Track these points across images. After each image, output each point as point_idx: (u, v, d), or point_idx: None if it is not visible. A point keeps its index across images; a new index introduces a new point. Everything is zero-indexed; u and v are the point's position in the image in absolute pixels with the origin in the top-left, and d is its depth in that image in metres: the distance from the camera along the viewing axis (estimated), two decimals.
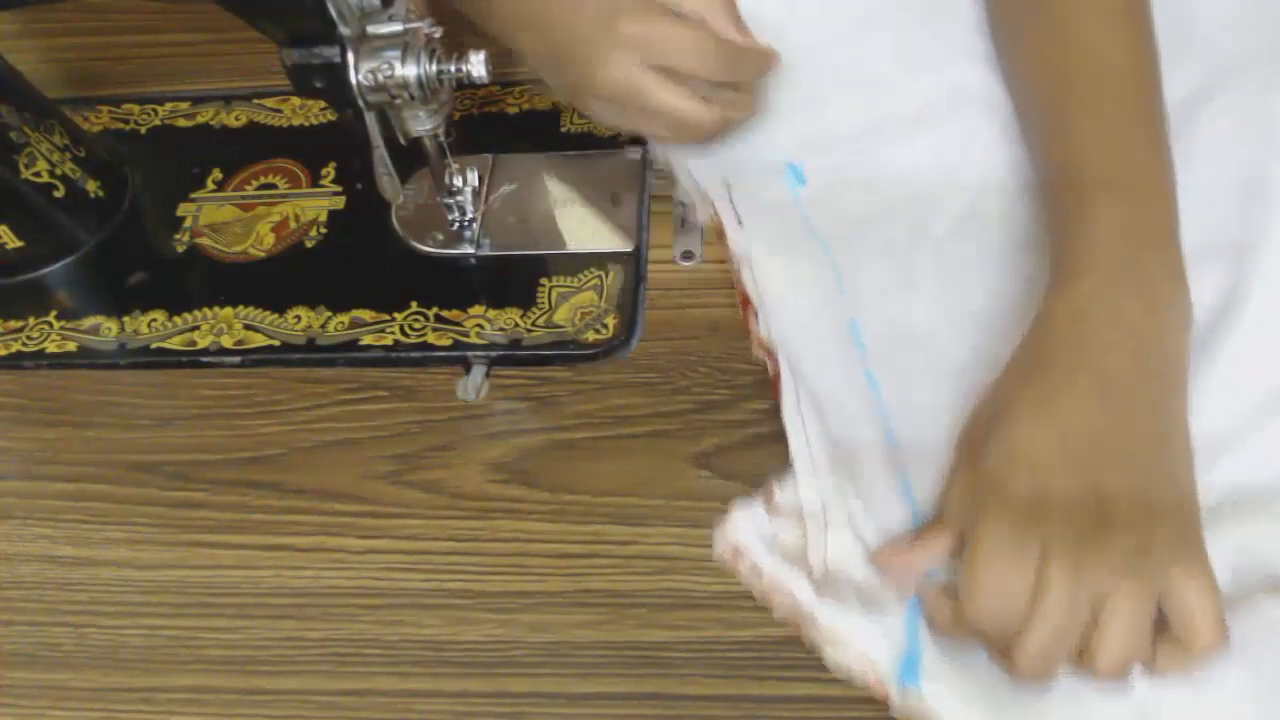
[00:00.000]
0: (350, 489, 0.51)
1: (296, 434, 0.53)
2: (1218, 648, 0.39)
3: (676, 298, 0.55)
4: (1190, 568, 0.40)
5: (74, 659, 0.48)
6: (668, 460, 0.50)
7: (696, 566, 0.47)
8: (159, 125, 0.66)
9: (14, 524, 0.52)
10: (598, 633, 0.46)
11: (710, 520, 0.48)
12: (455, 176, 0.56)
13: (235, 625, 0.48)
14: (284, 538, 0.50)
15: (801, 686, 0.44)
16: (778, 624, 0.45)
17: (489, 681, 0.46)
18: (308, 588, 0.49)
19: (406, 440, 0.53)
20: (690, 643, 0.46)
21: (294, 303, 0.56)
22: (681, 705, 0.44)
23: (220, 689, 0.47)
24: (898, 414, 0.49)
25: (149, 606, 0.49)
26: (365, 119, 0.48)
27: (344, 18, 0.45)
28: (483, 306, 0.55)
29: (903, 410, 0.49)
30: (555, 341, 0.53)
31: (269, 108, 0.66)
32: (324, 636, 0.47)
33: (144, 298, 0.58)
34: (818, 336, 0.51)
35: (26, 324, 0.58)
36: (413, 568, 0.49)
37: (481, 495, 0.50)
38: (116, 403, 0.56)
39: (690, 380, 0.53)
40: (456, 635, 0.47)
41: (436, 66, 0.47)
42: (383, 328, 0.55)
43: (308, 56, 0.46)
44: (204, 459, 0.53)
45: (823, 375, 0.50)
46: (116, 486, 0.53)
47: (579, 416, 0.52)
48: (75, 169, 0.59)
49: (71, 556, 0.51)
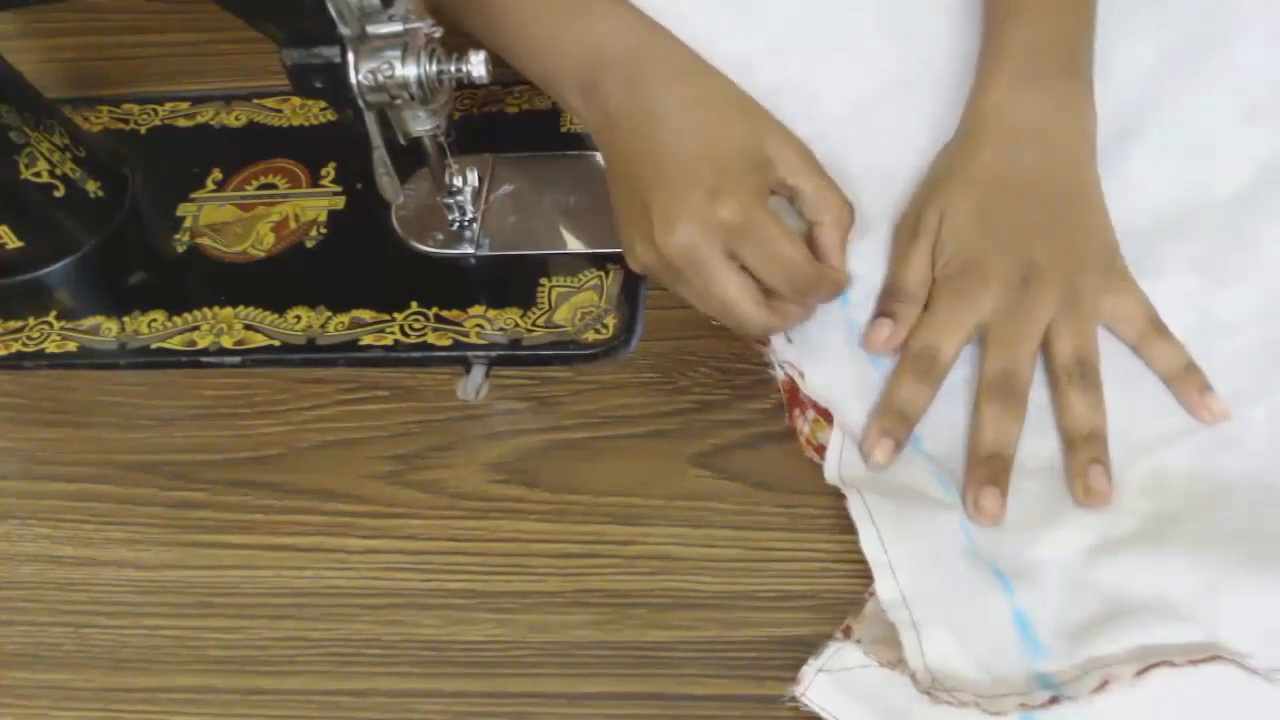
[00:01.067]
0: (350, 489, 0.51)
1: (296, 434, 0.53)
2: (1158, 334, 0.49)
3: (676, 297, 0.55)
4: (1120, 294, 0.50)
5: (74, 659, 0.48)
6: (668, 460, 0.50)
7: (696, 566, 0.47)
8: (159, 125, 0.66)
9: (14, 524, 0.52)
10: (598, 633, 0.46)
11: (710, 520, 0.48)
12: (455, 176, 0.56)
13: (235, 625, 0.48)
14: (284, 538, 0.50)
15: None
16: (778, 624, 0.45)
17: (489, 681, 0.46)
18: (308, 588, 0.49)
19: (406, 440, 0.53)
20: (690, 643, 0.46)
21: (294, 303, 0.56)
22: (681, 705, 0.44)
23: (220, 689, 0.47)
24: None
25: (149, 606, 0.49)
26: (365, 119, 0.48)
27: (344, 18, 0.45)
28: (483, 306, 0.55)
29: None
30: (555, 341, 0.53)
31: (269, 108, 0.66)
32: (324, 636, 0.47)
33: (144, 298, 0.58)
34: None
35: (26, 324, 0.58)
36: (413, 568, 0.49)
37: (481, 495, 0.50)
38: (116, 403, 0.56)
39: (690, 380, 0.53)
40: (456, 635, 0.47)
41: (436, 66, 0.47)
42: (383, 328, 0.55)
43: (308, 56, 0.46)
44: (204, 459, 0.53)
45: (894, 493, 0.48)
46: (116, 486, 0.53)
47: (579, 416, 0.52)
48: (75, 169, 0.59)
49: (72, 556, 0.51)
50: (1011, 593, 0.44)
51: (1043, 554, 0.45)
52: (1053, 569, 0.44)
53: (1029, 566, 0.44)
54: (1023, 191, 0.51)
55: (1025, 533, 0.46)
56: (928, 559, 0.45)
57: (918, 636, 0.42)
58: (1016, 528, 0.46)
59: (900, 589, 0.44)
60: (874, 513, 0.45)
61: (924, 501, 0.47)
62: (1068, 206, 0.51)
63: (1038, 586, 0.44)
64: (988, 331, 0.49)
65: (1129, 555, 0.44)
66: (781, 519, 0.48)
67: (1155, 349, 0.49)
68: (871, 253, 0.54)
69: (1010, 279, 0.49)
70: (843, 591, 0.46)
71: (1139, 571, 0.43)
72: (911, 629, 0.42)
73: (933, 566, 0.44)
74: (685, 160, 0.47)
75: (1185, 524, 0.45)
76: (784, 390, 0.51)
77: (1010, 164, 0.52)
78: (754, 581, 0.47)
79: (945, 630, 0.42)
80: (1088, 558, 0.44)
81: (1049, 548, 0.45)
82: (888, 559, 0.44)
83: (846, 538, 0.47)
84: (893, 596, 0.43)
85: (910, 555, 0.45)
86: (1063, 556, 0.45)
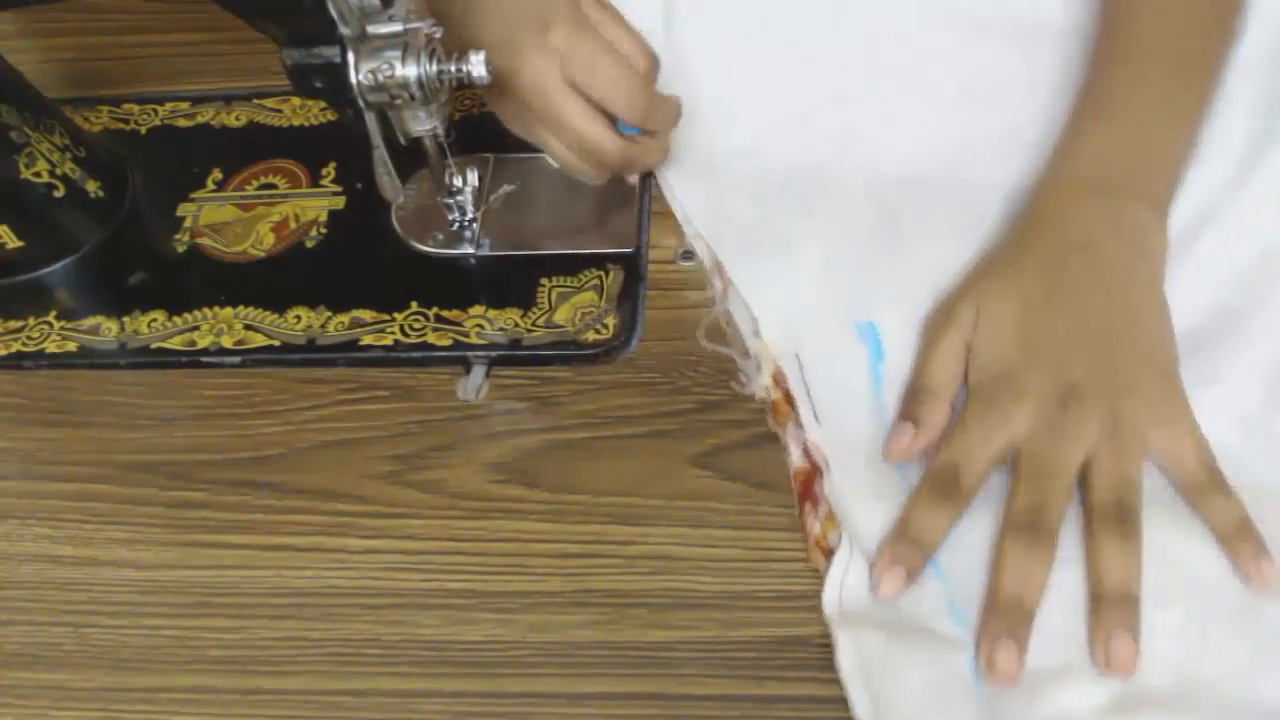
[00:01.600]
0: (350, 489, 0.51)
1: (296, 434, 0.53)
2: (1213, 485, 0.44)
3: (676, 298, 0.55)
4: (1171, 426, 0.45)
5: (74, 659, 0.48)
6: (668, 460, 0.50)
7: (696, 566, 0.47)
8: (159, 125, 0.66)
9: (14, 524, 0.52)
10: (598, 633, 0.46)
11: (710, 520, 0.48)
12: (455, 176, 0.56)
13: (235, 625, 0.48)
14: (284, 538, 0.50)
15: (801, 686, 0.44)
16: (778, 624, 0.45)
17: (489, 681, 0.46)
18: (308, 588, 0.49)
19: (406, 440, 0.53)
20: (690, 643, 0.46)
21: (294, 303, 0.56)
22: (681, 705, 0.44)
23: (220, 689, 0.47)
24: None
25: (149, 606, 0.49)
26: (365, 119, 0.48)
27: (344, 18, 0.45)
28: (483, 306, 0.55)
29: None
30: (555, 341, 0.53)
31: (269, 108, 0.66)
32: (324, 636, 0.47)
33: (144, 298, 0.58)
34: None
35: (26, 324, 0.58)
36: (413, 568, 0.49)
37: (481, 495, 0.50)
38: (116, 403, 0.56)
39: (690, 380, 0.53)
40: (456, 635, 0.47)
41: (436, 66, 0.47)
42: (383, 328, 0.55)
43: (308, 56, 0.46)
44: (204, 459, 0.53)
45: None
46: (116, 486, 0.53)
47: (579, 416, 0.52)
48: (75, 169, 0.59)
49: (72, 556, 0.51)
50: None
51: (1059, 711, 0.41)
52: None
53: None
54: (1067, 305, 0.47)
55: (1039, 687, 0.41)
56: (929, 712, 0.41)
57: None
58: (1034, 675, 0.41)
59: None
60: (867, 670, 0.42)
61: (931, 642, 0.43)
62: (1117, 325, 0.47)
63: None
64: (1019, 456, 0.45)
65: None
66: (781, 519, 0.48)
67: (1207, 499, 0.44)
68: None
69: (1048, 397, 0.45)
70: None
71: None
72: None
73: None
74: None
75: (1219, 690, 0.41)
76: (796, 481, 0.48)
77: (1057, 274, 0.48)
78: (754, 581, 0.47)
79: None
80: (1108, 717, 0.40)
81: (1068, 702, 0.41)
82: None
83: None
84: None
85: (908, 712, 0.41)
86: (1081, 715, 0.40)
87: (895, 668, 0.42)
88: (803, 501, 0.48)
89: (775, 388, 0.50)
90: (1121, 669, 0.41)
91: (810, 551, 0.46)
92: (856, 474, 0.47)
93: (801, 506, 0.48)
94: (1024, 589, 0.42)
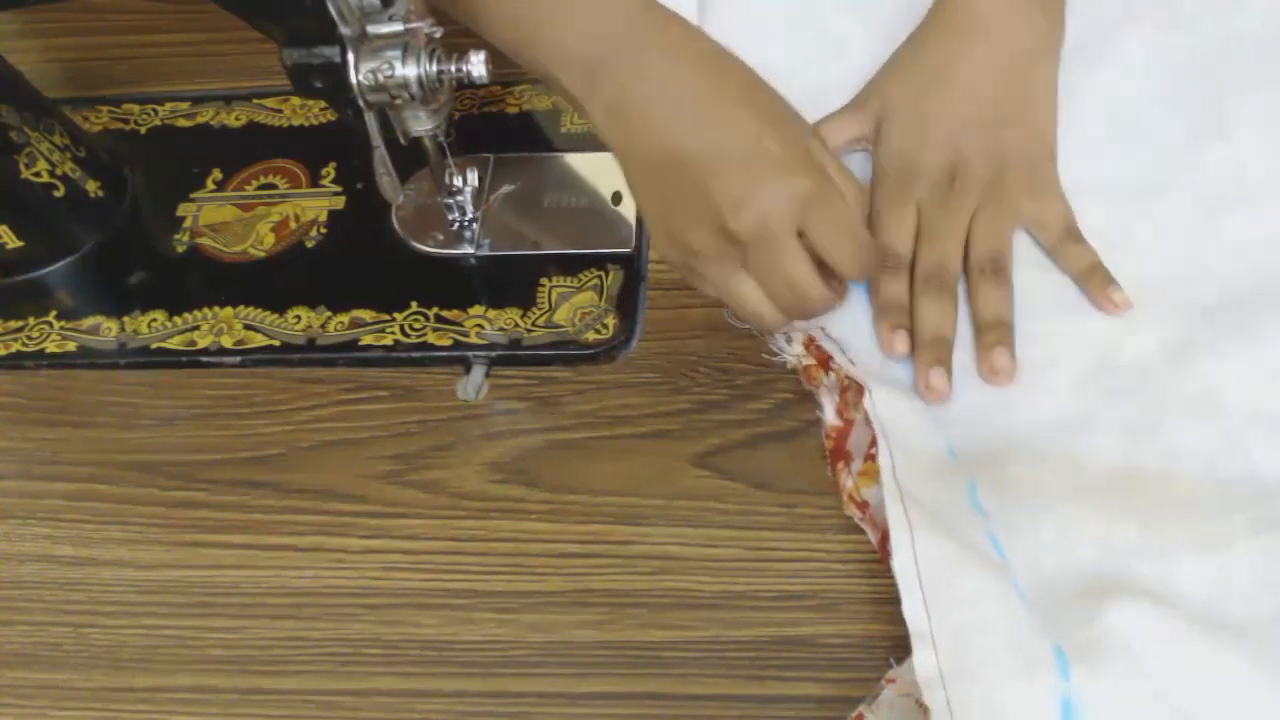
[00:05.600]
0: (350, 489, 0.51)
1: (296, 434, 0.53)
2: (1069, 238, 0.52)
3: (676, 298, 0.55)
4: (1041, 198, 0.52)
5: (74, 659, 0.48)
6: (668, 460, 0.50)
7: (696, 566, 0.47)
8: (159, 125, 0.66)
9: (14, 524, 0.52)
10: (598, 633, 0.46)
11: (711, 520, 0.48)
12: (455, 176, 0.56)
13: (235, 625, 0.48)
14: (284, 538, 0.50)
15: (801, 686, 0.44)
16: (778, 624, 0.45)
17: (489, 681, 0.46)
18: (308, 588, 0.49)
19: (406, 440, 0.53)
20: (690, 643, 0.46)
21: (294, 303, 0.56)
22: (681, 705, 0.44)
23: (220, 689, 0.47)
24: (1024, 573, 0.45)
25: (149, 606, 0.49)
26: (365, 119, 0.48)
27: (344, 18, 0.45)
28: (483, 306, 0.55)
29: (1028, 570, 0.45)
30: (555, 341, 0.53)
31: (269, 108, 0.66)
32: (324, 636, 0.47)
33: (144, 298, 0.58)
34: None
35: (26, 324, 0.58)
36: (413, 568, 0.49)
37: (481, 495, 0.50)
38: (116, 403, 0.56)
39: (690, 380, 0.53)
40: (456, 635, 0.47)
41: (436, 66, 0.47)
42: (383, 328, 0.55)
43: (308, 56, 0.46)
44: (204, 459, 0.53)
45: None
46: (116, 486, 0.53)
47: (579, 416, 0.52)
48: (75, 169, 0.59)
49: (72, 556, 0.51)
50: (1067, 678, 0.39)
51: (1111, 625, 0.41)
52: (1121, 656, 0.40)
53: (1092, 645, 0.40)
54: (961, 86, 0.53)
55: (1090, 598, 0.42)
56: (973, 631, 0.41)
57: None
58: (1080, 590, 0.42)
59: (939, 666, 0.40)
60: (922, 574, 0.42)
61: (974, 558, 0.43)
62: (1006, 105, 0.53)
63: (1100, 674, 0.39)
64: (920, 225, 0.53)
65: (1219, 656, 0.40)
66: (781, 519, 0.48)
67: (1064, 250, 0.52)
68: None
69: (940, 173, 0.52)
70: (843, 591, 0.46)
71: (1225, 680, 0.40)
72: (946, 714, 0.39)
73: (978, 640, 0.41)
74: (743, 136, 0.45)
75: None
76: (828, 437, 0.49)
77: (957, 54, 0.54)
78: (754, 581, 0.47)
79: (982, 715, 0.39)
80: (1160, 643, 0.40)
81: (1118, 616, 0.41)
82: (930, 628, 0.41)
83: (847, 538, 0.47)
84: (930, 674, 0.40)
85: (955, 628, 0.41)
86: (1135, 631, 0.40)
87: (944, 581, 0.42)
88: (835, 460, 0.49)
89: (808, 353, 0.51)
90: (1002, 378, 0.49)
91: (844, 504, 0.47)
92: (898, 390, 0.50)
93: (834, 465, 0.48)
94: (940, 326, 0.50)
